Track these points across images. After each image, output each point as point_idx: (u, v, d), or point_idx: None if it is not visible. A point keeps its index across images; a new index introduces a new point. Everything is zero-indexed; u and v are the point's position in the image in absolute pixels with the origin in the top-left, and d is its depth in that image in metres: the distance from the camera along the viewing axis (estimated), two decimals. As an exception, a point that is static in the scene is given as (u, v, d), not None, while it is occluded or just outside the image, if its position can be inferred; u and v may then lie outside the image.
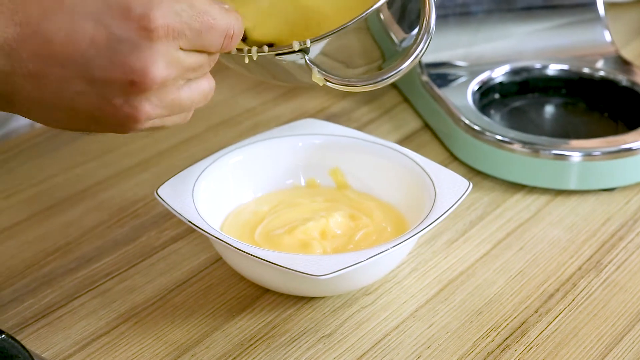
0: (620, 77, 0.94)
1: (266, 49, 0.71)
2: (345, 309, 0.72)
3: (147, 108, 0.61)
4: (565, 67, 0.96)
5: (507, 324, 0.71)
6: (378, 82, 0.72)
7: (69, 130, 0.75)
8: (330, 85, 0.72)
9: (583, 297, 0.73)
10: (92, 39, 0.59)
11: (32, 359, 0.60)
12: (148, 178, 0.87)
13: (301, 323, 0.71)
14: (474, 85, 0.93)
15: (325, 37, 0.71)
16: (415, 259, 0.77)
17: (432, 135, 0.93)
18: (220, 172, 0.77)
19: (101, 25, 0.59)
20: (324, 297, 0.73)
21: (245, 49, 0.72)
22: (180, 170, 0.75)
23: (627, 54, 1.03)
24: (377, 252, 0.66)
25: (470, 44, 0.96)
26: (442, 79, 0.93)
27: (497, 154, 0.85)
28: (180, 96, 0.63)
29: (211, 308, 0.72)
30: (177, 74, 0.61)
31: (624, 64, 0.96)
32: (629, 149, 0.84)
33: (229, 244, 0.68)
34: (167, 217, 0.81)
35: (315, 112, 0.97)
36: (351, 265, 0.65)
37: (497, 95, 0.95)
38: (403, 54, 0.72)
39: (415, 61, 0.72)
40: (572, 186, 0.84)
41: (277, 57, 0.72)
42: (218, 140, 0.92)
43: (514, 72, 0.95)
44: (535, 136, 0.85)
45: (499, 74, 0.95)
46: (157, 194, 0.72)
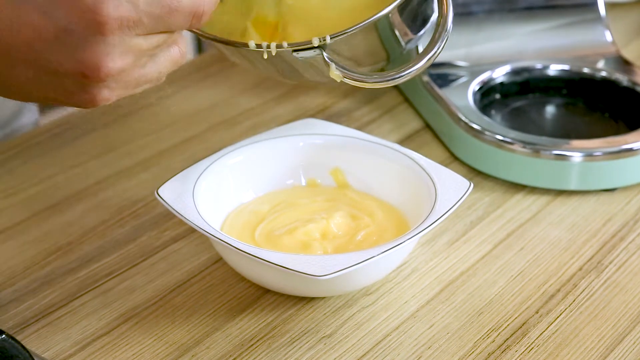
0: (621, 78, 0.94)
1: (285, 45, 0.71)
2: (345, 309, 0.72)
3: (105, 94, 0.60)
4: (566, 67, 0.96)
5: (508, 325, 0.71)
6: (395, 78, 0.72)
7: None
8: (347, 81, 0.71)
9: (584, 297, 0.73)
10: (39, 30, 0.57)
11: (33, 359, 0.60)
12: (148, 178, 0.87)
13: (302, 323, 0.71)
14: (474, 86, 0.92)
15: (344, 33, 0.70)
16: (415, 260, 0.77)
17: (433, 135, 0.93)
18: (221, 172, 0.76)
19: (49, 17, 0.57)
20: (324, 297, 0.73)
21: (264, 44, 0.71)
22: (181, 170, 0.75)
23: (628, 54, 1.03)
24: (377, 253, 0.66)
25: (471, 44, 0.96)
26: (443, 79, 0.93)
27: (497, 154, 0.85)
28: (146, 72, 0.61)
29: (212, 308, 0.72)
30: (136, 58, 0.59)
31: (625, 64, 0.96)
32: (630, 150, 0.84)
33: (229, 244, 0.68)
34: (168, 217, 0.81)
35: (316, 112, 0.97)
36: (352, 266, 0.65)
37: (497, 96, 0.95)
38: (420, 52, 0.72)
39: (432, 59, 0.72)
40: (572, 186, 0.84)
41: (294, 54, 0.71)
42: (218, 140, 0.92)
43: (514, 72, 0.95)
44: (536, 136, 0.85)
45: (499, 74, 0.95)
46: (157, 194, 0.72)
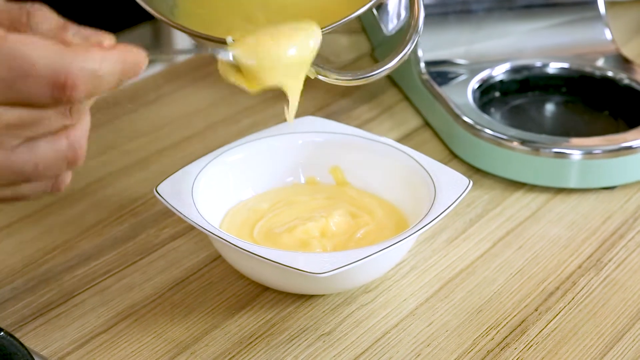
0: (621, 76, 0.94)
1: None
2: (344, 306, 0.72)
3: None
4: (565, 65, 0.96)
5: (507, 322, 0.71)
6: (366, 77, 0.73)
7: None
8: (321, 78, 0.72)
9: (583, 295, 0.73)
10: None
11: (31, 356, 0.60)
12: (147, 176, 0.87)
13: (301, 321, 0.71)
14: (474, 83, 0.92)
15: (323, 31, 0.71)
16: (415, 257, 0.77)
17: (432, 133, 0.93)
18: (220, 170, 0.76)
19: None
20: (323, 295, 0.73)
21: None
22: (180, 168, 0.75)
23: (628, 52, 1.03)
24: (376, 250, 0.66)
25: (470, 42, 0.96)
26: (443, 77, 0.93)
27: (497, 152, 0.85)
28: (14, 158, 0.52)
29: (210, 306, 0.72)
30: None
31: (625, 62, 0.96)
32: (630, 147, 0.84)
33: (228, 242, 0.68)
34: (167, 215, 0.81)
35: (315, 110, 0.97)
36: (351, 263, 0.65)
37: (497, 93, 0.94)
38: (392, 51, 0.73)
39: (403, 59, 0.73)
40: (572, 184, 0.84)
41: None
42: (217, 138, 0.92)
43: (514, 70, 0.95)
44: (536, 134, 0.85)
45: (499, 72, 0.95)
46: (156, 191, 0.72)
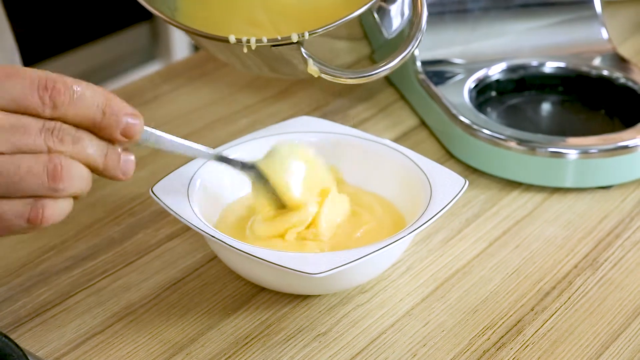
0: (617, 75, 0.94)
1: (265, 40, 0.72)
2: (340, 307, 0.72)
3: None
4: (562, 64, 0.96)
5: (503, 322, 0.71)
6: (370, 75, 0.74)
7: None
8: (324, 77, 0.72)
9: (579, 295, 0.73)
10: None
11: (26, 357, 0.60)
12: (144, 176, 0.86)
13: (297, 321, 0.71)
14: (470, 83, 0.92)
15: (322, 30, 0.71)
16: (411, 257, 0.77)
17: (429, 133, 0.93)
18: (217, 170, 0.76)
19: None
20: (319, 295, 0.73)
21: (244, 39, 0.72)
22: (176, 168, 0.75)
23: (624, 51, 1.03)
24: (372, 251, 0.66)
25: (466, 42, 0.96)
26: (439, 77, 0.93)
27: (493, 152, 0.85)
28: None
29: (206, 306, 0.72)
30: None
31: (621, 62, 0.96)
32: (626, 147, 0.84)
33: (224, 242, 0.67)
34: (163, 215, 0.81)
35: (312, 109, 0.97)
36: (346, 264, 0.65)
37: (493, 93, 0.94)
38: (395, 50, 0.73)
39: (406, 58, 0.73)
40: (568, 184, 0.84)
41: (273, 49, 0.72)
42: (215, 138, 0.92)
43: (510, 69, 0.95)
44: (532, 134, 0.85)
45: (495, 72, 0.95)
46: (152, 192, 0.72)
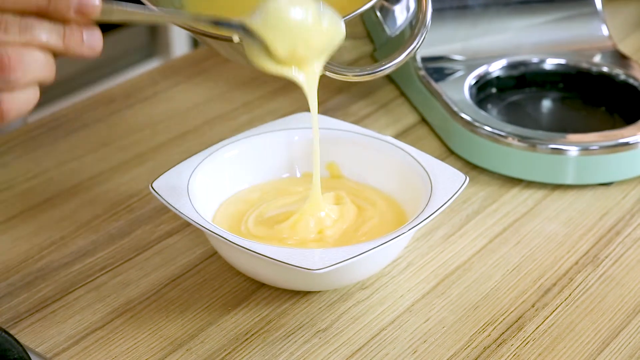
0: (618, 72, 0.93)
1: None
2: (341, 303, 0.72)
3: None
4: (562, 61, 0.96)
5: (504, 319, 0.71)
6: (375, 72, 0.73)
7: None
8: (329, 74, 0.72)
9: (580, 291, 0.73)
10: None
11: (26, 353, 0.60)
12: (143, 172, 0.86)
13: (297, 317, 0.71)
14: (470, 80, 0.92)
15: None
16: (411, 253, 0.77)
17: (429, 129, 0.93)
18: (216, 166, 0.76)
19: None
20: (319, 291, 0.73)
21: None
22: (176, 164, 0.74)
23: (625, 48, 1.03)
24: (373, 247, 0.66)
25: (467, 38, 0.96)
26: (439, 73, 0.93)
27: (493, 148, 0.85)
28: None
29: (206, 302, 0.72)
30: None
31: (622, 58, 0.96)
32: (626, 143, 0.84)
33: (224, 238, 0.67)
34: (162, 211, 0.81)
35: (312, 106, 0.96)
36: (347, 260, 0.65)
37: (494, 90, 0.94)
38: (398, 47, 0.73)
39: (410, 54, 0.73)
40: (569, 181, 0.84)
41: None
42: (214, 135, 0.91)
43: (511, 66, 0.95)
44: (532, 130, 0.85)
45: (496, 68, 0.94)
46: (152, 187, 0.71)
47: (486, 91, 0.94)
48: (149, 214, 0.81)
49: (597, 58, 0.96)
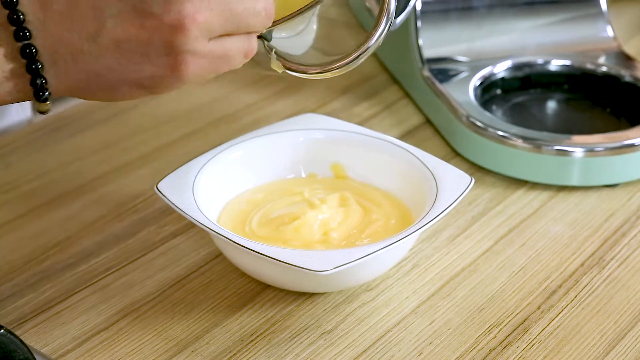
0: (623, 73, 0.93)
1: None
2: (346, 305, 0.72)
3: (189, 61, 0.61)
4: (567, 62, 0.95)
5: (509, 321, 0.70)
6: (345, 65, 0.68)
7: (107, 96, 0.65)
8: (289, 72, 0.69)
9: (586, 293, 0.73)
10: None
11: (31, 354, 0.60)
12: (148, 173, 0.86)
13: (302, 319, 0.70)
14: (475, 81, 0.92)
15: (279, 22, 0.67)
16: (416, 255, 0.77)
17: (434, 130, 0.92)
18: (221, 167, 0.76)
19: None
20: (324, 292, 0.73)
21: None
22: (181, 165, 0.74)
23: (630, 49, 1.03)
24: (378, 248, 0.66)
25: (472, 39, 0.96)
26: (444, 74, 0.93)
27: (499, 150, 0.85)
28: (226, 46, 0.64)
29: (211, 304, 0.72)
30: (220, 14, 0.61)
31: (627, 60, 0.96)
32: (632, 145, 0.84)
33: (229, 239, 0.67)
34: (167, 212, 0.81)
35: (316, 107, 0.96)
36: (352, 262, 0.65)
37: (499, 91, 0.94)
38: (361, 40, 0.68)
39: (375, 46, 0.68)
40: (574, 182, 0.84)
41: None
42: (218, 135, 0.91)
43: (516, 67, 0.95)
44: (538, 132, 0.85)
45: (500, 69, 0.94)
46: (157, 188, 0.71)
47: (491, 92, 0.94)
48: (153, 215, 0.81)
49: (602, 59, 0.96)
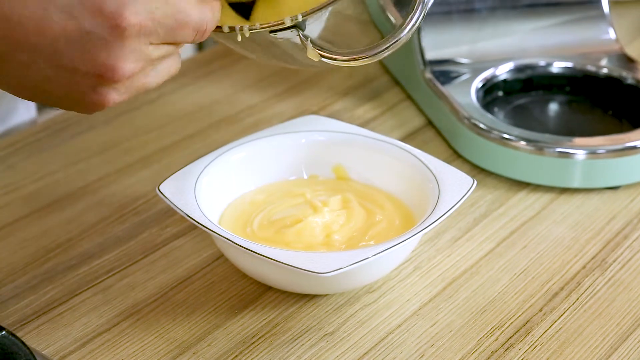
0: (625, 75, 0.93)
1: (258, 26, 0.69)
2: (348, 306, 0.72)
3: (114, 96, 0.63)
4: (569, 64, 0.95)
5: (511, 323, 0.70)
6: (377, 54, 0.69)
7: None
8: (326, 61, 0.69)
9: (588, 295, 0.73)
10: (64, 30, 0.60)
11: (33, 355, 0.60)
12: (149, 174, 0.86)
13: (304, 321, 0.70)
14: (477, 83, 0.92)
15: (316, 10, 0.68)
16: (418, 257, 0.76)
17: (436, 132, 0.92)
18: (223, 169, 0.76)
19: (73, 19, 0.60)
20: (326, 294, 0.72)
21: (237, 26, 0.70)
22: (182, 167, 0.74)
23: (632, 51, 1.03)
24: (379, 250, 0.66)
25: (474, 41, 0.96)
26: (446, 76, 0.93)
27: (500, 152, 0.85)
28: (148, 82, 0.64)
29: (213, 305, 0.72)
30: (145, 66, 0.63)
31: (629, 62, 0.95)
32: (634, 147, 0.84)
33: (231, 241, 0.67)
34: (169, 214, 0.81)
35: (318, 109, 0.96)
36: (353, 263, 0.65)
37: (500, 93, 0.94)
38: (397, 27, 0.69)
39: (412, 32, 0.69)
40: (576, 184, 0.84)
41: (272, 35, 0.70)
42: (220, 137, 0.91)
43: (517, 69, 0.95)
44: (539, 134, 0.85)
45: (502, 71, 0.94)
46: (158, 190, 0.71)
47: (493, 94, 0.94)
48: (155, 217, 0.81)
49: (604, 61, 0.96)
